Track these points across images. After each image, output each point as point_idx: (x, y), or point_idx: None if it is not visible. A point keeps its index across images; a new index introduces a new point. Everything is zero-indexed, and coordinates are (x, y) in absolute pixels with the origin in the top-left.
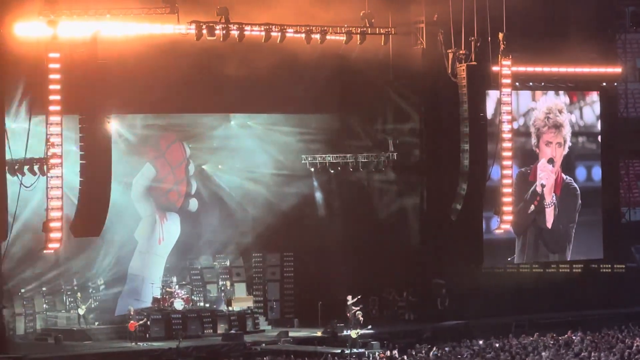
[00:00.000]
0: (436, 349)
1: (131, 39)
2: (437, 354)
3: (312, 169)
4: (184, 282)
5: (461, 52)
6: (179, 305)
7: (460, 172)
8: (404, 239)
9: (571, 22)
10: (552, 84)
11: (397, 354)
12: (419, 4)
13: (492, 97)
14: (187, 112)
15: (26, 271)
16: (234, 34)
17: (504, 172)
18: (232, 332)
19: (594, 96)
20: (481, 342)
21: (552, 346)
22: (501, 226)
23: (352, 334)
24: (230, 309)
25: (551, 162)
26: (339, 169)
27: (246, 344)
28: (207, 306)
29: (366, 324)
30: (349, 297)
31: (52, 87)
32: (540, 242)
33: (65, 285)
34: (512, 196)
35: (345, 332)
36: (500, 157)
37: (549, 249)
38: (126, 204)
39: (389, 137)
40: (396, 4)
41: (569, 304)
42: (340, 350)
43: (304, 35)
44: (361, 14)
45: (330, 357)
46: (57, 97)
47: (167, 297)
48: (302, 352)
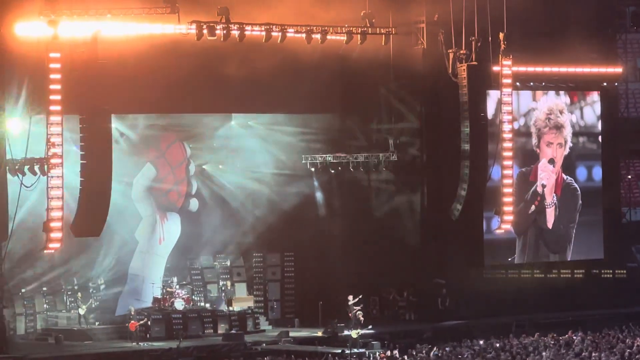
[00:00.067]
0: (437, 349)
1: (132, 39)
2: (438, 354)
3: (313, 169)
4: (184, 282)
5: (462, 52)
6: (179, 305)
7: (460, 172)
8: (404, 239)
9: (572, 22)
10: (552, 84)
11: (397, 354)
12: (420, 3)
13: (492, 97)
14: (187, 112)
15: (26, 271)
16: (235, 34)
17: (504, 172)
18: (233, 332)
19: (594, 96)
20: (482, 342)
21: (552, 346)
22: (502, 226)
23: (353, 334)
24: (230, 309)
25: (552, 162)
26: (340, 168)
27: (247, 344)
28: (208, 306)
29: (367, 323)
30: (350, 297)
31: (52, 87)
32: (540, 242)
33: (65, 285)
34: (512, 196)
35: (345, 332)
36: (500, 157)
37: (549, 249)
38: (127, 204)
39: (390, 137)
40: (397, 4)
41: (570, 304)
42: (340, 350)
43: (304, 35)
44: (362, 14)
45: (330, 357)
46: (58, 97)
47: (167, 297)
48: (303, 352)
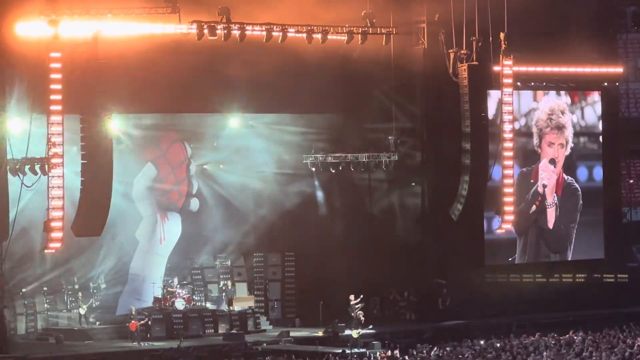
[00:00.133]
0: (437, 348)
1: (132, 39)
2: (438, 354)
3: (314, 169)
4: (185, 282)
5: (462, 52)
6: (180, 305)
7: (461, 172)
8: (405, 239)
9: (572, 22)
10: (553, 84)
11: (398, 354)
12: (420, 3)
13: (493, 97)
14: (188, 112)
15: (27, 271)
16: (235, 33)
17: (505, 172)
18: (233, 332)
19: (595, 96)
20: (482, 342)
21: (553, 346)
22: (502, 226)
23: (354, 333)
24: (231, 308)
25: (553, 162)
26: (341, 168)
27: (247, 344)
28: (209, 305)
29: (367, 323)
30: (352, 297)
31: (53, 86)
32: (541, 242)
33: (66, 285)
34: (513, 196)
35: (346, 332)
36: (501, 157)
37: (550, 249)
38: (127, 204)
39: (390, 137)
40: (397, 3)
41: (570, 304)
42: (341, 350)
43: (305, 35)
44: (362, 14)
45: (331, 357)
46: (58, 97)
47: (168, 296)
48: (304, 352)
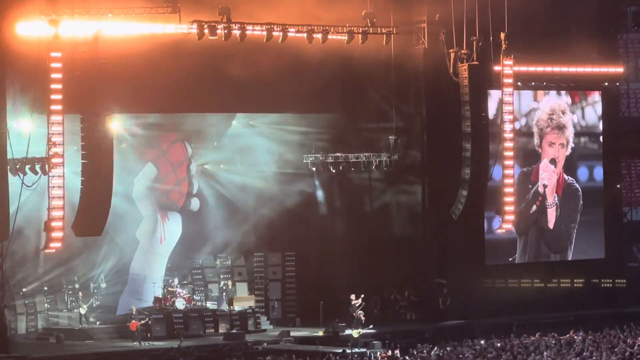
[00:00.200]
0: (437, 348)
1: (133, 39)
2: (439, 354)
3: (314, 168)
4: (185, 282)
5: (463, 51)
6: (180, 304)
7: (461, 172)
8: (405, 239)
9: (573, 21)
10: (553, 83)
11: (398, 354)
12: (421, 3)
13: (493, 97)
14: (188, 111)
15: (27, 270)
16: (236, 33)
17: (505, 172)
18: (234, 331)
19: (595, 96)
20: (483, 341)
21: (553, 346)
22: (503, 226)
23: (354, 333)
24: (232, 308)
25: (553, 162)
26: (341, 168)
27: (247, 344)
28: (210, 305)
29: (368, 323)
30: (353, 297)
31: (53, 86)
32: (541, 242)
33: (66, 284)
34: (513, 196)
35: (346, 331)
36: (501, 157)
37: (550, 249)
38: (128, 204)
39: (391, 137)
40: (398, 3)
41: (571, 304)
42: (341, 350)
43: (305, 35)
44: (363, 14)
45: (332, 356)
46: (59, 97)
47: (168, 296)
48: (304, 351)
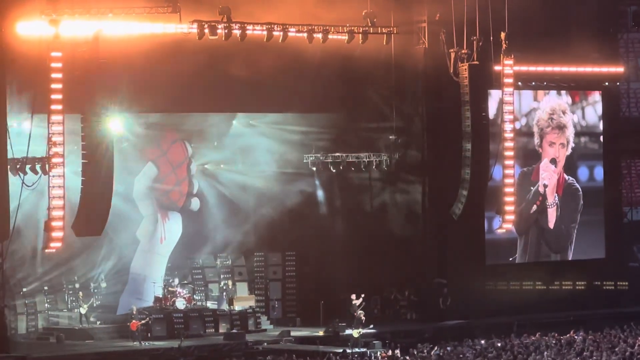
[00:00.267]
0: (438, 348)
1: (133, 38)
2: (439, 354)
3: (314, 168)
4: (185, 282)
5: (463, 51)
6: (180, 304)
7: (462, 171)
8: (405, 239)
9: (573, 21)
10: (554, 83)
11: (399, 354)
12: (421, 3)
13: (494, 97)
14: (189, 111)
15: (27, 270)
16: (236, 33)
17: (506, 172)
18: (234, 331)
19: (596, 96)
20: (483, 341)
21: (554, 346)
22: (503, 226)
23: (354, 333)
24: (232, 308)
25: (553, 162)
26: (341, 167)
27: (248, 344)
28: (209, 305)
29: (368, 323)
30: (353, 296)
31: (54, 86)
32: (542, 242)
33: (67, 284)
34: (514, 196)
35: (347, 331)
36: (502, 157)
37: (550, 249)
38: (128, 204)
39: (391, 137)
40: (398, 3)
41: (571, 304)
42: (342, 349)
43: (305, 34)
44: (363, 14)
45: (332, 356)
46: (59, 97)
47: (169, 296)
48: (304, 351)
